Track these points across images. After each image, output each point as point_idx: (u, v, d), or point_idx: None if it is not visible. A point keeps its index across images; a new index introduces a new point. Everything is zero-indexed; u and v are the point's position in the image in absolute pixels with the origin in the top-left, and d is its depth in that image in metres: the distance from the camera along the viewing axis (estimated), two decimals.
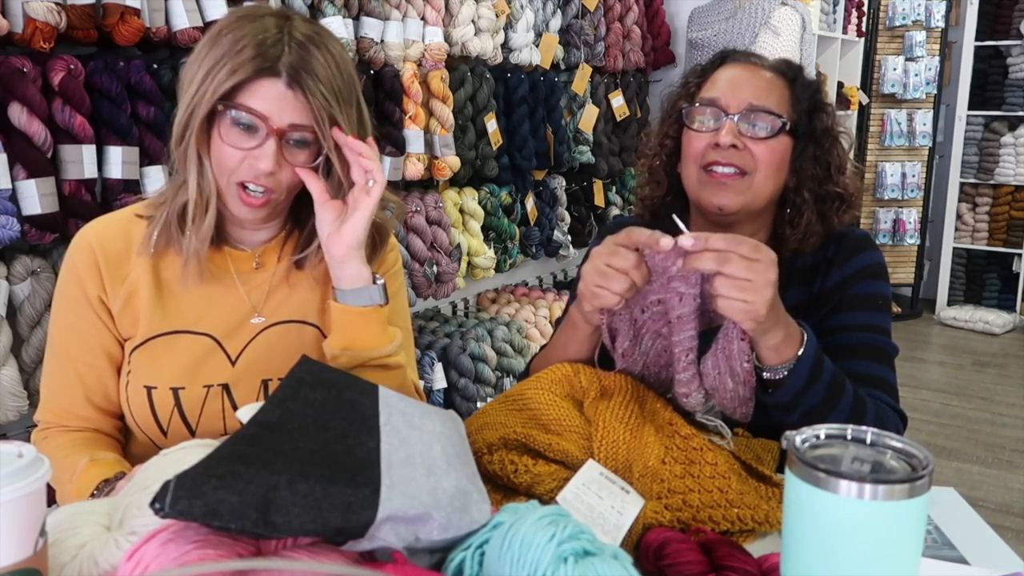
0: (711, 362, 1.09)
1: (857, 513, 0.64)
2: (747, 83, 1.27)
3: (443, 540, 0.73)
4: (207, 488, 0.64)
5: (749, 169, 1.25)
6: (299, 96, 1.08)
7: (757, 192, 1.26)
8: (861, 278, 1.28)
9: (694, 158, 1.28)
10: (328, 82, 1.10)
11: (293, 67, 1.08)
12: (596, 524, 0.90)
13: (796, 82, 1.30)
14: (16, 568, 0.62)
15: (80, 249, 1.19)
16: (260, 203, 1.13)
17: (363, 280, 1.15)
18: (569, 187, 3.48)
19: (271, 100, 1.08)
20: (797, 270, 1.32)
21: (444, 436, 0.85)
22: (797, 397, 1.08)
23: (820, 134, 1.29)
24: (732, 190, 1.25)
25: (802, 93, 1.29)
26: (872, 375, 1.20)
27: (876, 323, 1.25)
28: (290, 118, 1.09)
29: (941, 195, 5.75)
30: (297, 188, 1.17)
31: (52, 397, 1.21)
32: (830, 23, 4.77)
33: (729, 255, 0.99)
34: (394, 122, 2.57)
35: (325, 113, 1.09)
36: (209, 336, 1.19)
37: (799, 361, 1.07)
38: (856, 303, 1.26)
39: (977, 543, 1.00)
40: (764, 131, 1.24)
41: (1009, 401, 4.24)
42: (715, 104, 1.26)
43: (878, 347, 1.24)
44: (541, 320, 3.23)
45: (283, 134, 1.09)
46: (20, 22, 1.71)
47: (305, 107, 1.09)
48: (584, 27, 3.36)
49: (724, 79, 1.29)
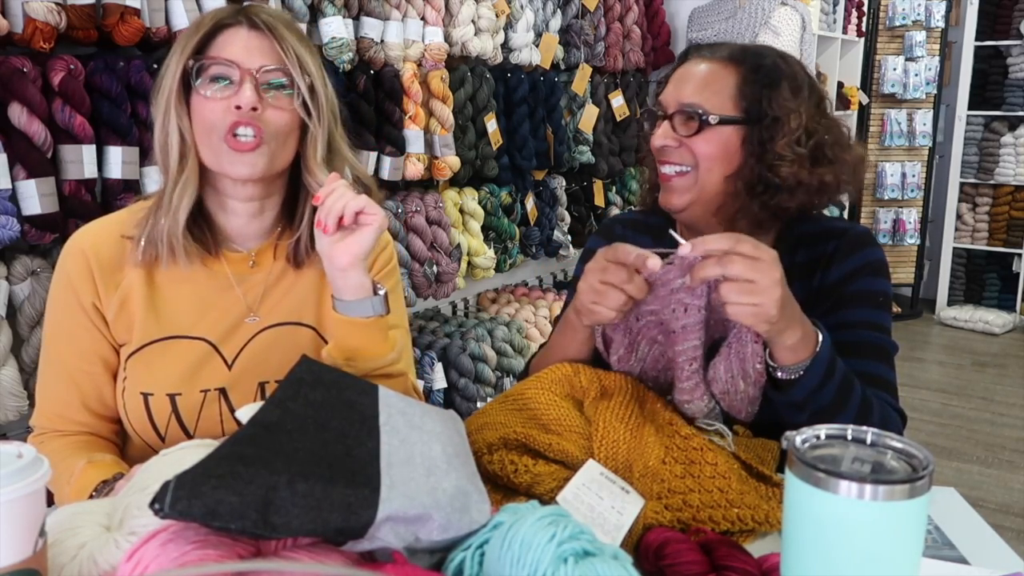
0: (723, 366, 1.07)
1: (857, 514, 0.64)
2: (683, 80, 1.28)
3: (443, 540, 0.72)
4: (206, 488, 0.64)
5: (691, 166, 1.25)
6: (264, 37, 1.12)
7: (703, 185, 1.25)
8: (862, 275, 1.26)
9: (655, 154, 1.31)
10: (292, 28, 1.15)
11: (253, 14, 1.13)
12: (596, 524, 0.90)
13: (748, 68, 1.26)
14: (16, 568, 0.62)
15: (73, 256, 1.18)
16: (251, 146, 1.12)
17: (365, 291, 1.12)
18: (569, 187, 3.48)
19: (238, 47, 1.12)
20: (797, 264, 1.31)
21: (444, 436, 0.85)
22: (810, 396, 1.07)
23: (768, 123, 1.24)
24: (677, 189, 1.27)
25: (756, 78, 1.25)
26: (872, 374, 1.19)
27: (876, 320, 1.24)
28: (260, 60, 1.12)
29: (941, 195, 5.75)
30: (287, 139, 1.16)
31: (48, 403, 1.21)
32: (830, 23, 4.77)
33: (731, 257, 0.97)
34: (394, 122, 2.57)
35: (293, 52, 1.12)
36: (205, 340, 1.19)
37: (814, 361, 1.05)
38: (856, 300, 1.25)
39: (977, 543, 1.00)
40: (690, 130, 1.24)
41: (1009, 401, 4.23)
42: (659, 105, 1.30)
43: (878, 345, 1.23)
44: (541, 320, 3.23)
45: (256, 75, 1.11)
46: (20, 22, 1.71)
47: (272, 48, 1.12)
48: (584, 27, 3.36)
49: (675, 77, 1.31)
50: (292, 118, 1.15)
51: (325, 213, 1.08)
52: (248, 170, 1.13)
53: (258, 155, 1.13)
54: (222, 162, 1.13)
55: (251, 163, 1.13)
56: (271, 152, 1.14)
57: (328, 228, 1.07)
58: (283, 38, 1.12)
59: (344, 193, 1.08)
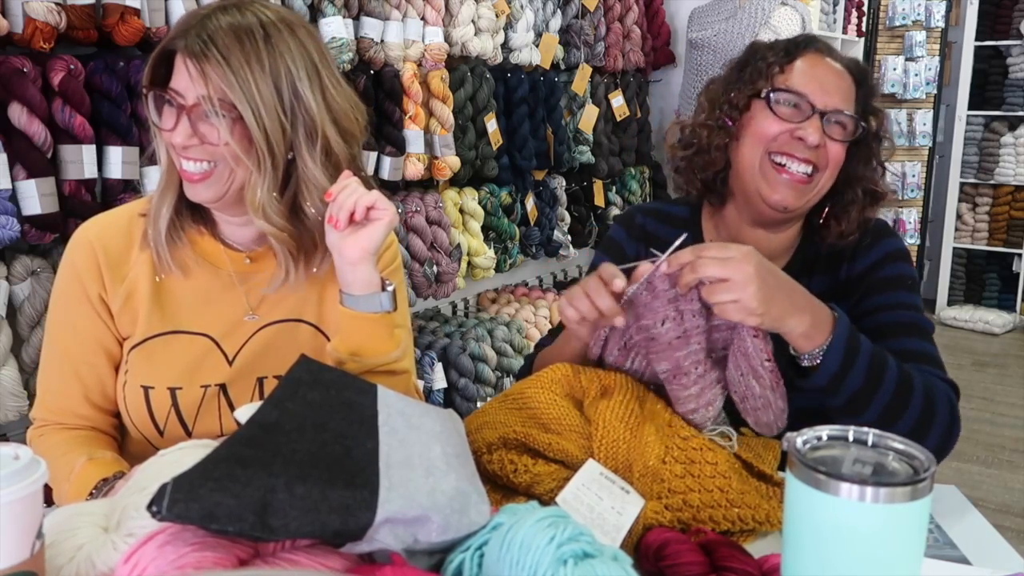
0: (732, 365, 1.08)
1: (858, 516, 0.63)
2: (834, 84, 1.26)
3: (442, 542, 0.72)
4: (204, 491, 0.64)
5: (821, 168, 1.25)
6: (195, 67, 1.05)
7: (820, 191, 1.27)
8: (888, 261, 1.29)
9: (763, 140, 1.26)
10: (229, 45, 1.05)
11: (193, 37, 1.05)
12: (596, 525, 0.90)
13: (862, 85, 1.30)
14: (13, 571, 0.61)
15: (80, 247, 1.18)
16: (199, 178, 1.10)
17: (373, 286, 1.12)
18: (569, 187, 3.47)
19: (182, 76, 1.07)
20: (822, 256, 1.34)
21: (443, 436, 0.85)
22: (835, 381, 1.08)
23: (872, 137, 1.30)
24: (800, 190, 1.26)
25: (864, 96, 1.30)
26: (913, 350, 1.20)
27: (909, 301, 1.26)
28: (195, 90, 1.06)
29: (941, 195, 5.74)
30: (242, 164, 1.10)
31: (49, 395, 1.21)
32: (830, 23, 4.77)
33: (700, 261, 1.01)
34: (394, 122, 2.57)
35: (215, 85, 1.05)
36: (206, 336, 1.19)
37: (832, 343, 1.06)
38: (887, 285, 1.28)
39: (979, 543, 1.00)
40: (843, 135, 1.25)
41: (1009, 401, 4.23)
42: (806, 98, 1.24)
43: (914, 324, 1.24)
44: (541, 320, 3.23)
45: (191, 110, 1.07)
46: (20, 22, 1.71)
47: (201, 78, 1.05)
48: (584, 27, 3.36)
49: (811, 74, 1.26)
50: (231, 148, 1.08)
51: (337, 208, 1.08)
52: (205, 195, 1.12)
53: (209, 183, 1.11)
54: (184, 184, 1.14)
55: (204, 189, 1.12)
56: (224, 178, 1.11)
57: (340, 223, 1.08)
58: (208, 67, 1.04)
59: (356, 189, 1.08)
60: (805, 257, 1.34)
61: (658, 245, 1.35)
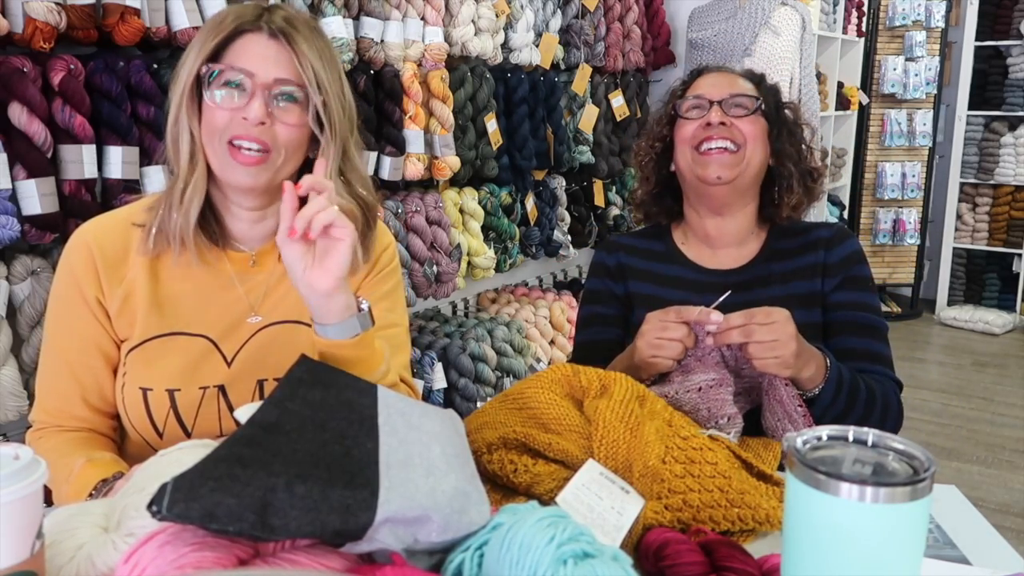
0: (768, 413, 1.25)
1: (858, 516, 0.63)
2: (727, 82, 1.51)
3: (442, 541, 0.72)
4: (204, 491, 0.64)
5: (739, 142, 1.44)
6: (283, 48, 1.10)
7: (749, 162, 1.45)
8: (856, 261, 1.49)
9: (688, 141, 1.47)
10: (311, 41, 1.11)
11: (276, 22, 1.10)
12: (596, 525, 0.90)
13: (761, 84, 1.53)
14: (13, 571, 0.61)
15: (77, 250, 1.18)
16: (255, 161, 1.11)
17: (350, 310, 1.03)
18: (569, 187, 3.48)
19: (255, 55, 1.10)
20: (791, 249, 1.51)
21: (443, 436, 0.85)
22: (826, 409, 1.28)
23: (789, 122, 1.52)
24: (727, 163, 1.43)
25: (767, 92, 1.51)
26: (869, 350, 1.42)
27: (872, 303, 1.47)
28: (276, 72, 1.10)
29: (941, 195, 5.74)
30: (296, 152, 1.14)
31: (47, 397, 1.21)
32: (830, 23, 4.77)
33: (751, 327, 1.19)
34: (394, 122, 2.57)
35: (311, 66, 1.10)
36: (205, 337, 1.19)
37: (827, 382, 1.27)
38: (857, 283, 1.47)
39: (979, 542, 1.00)
40: (744, 110, 1.46)
41: (1009, 401, 4.23)
42: (702, 96, 1.48)
43: (874, 325, 1.45)
44: (541, 320, 3.23)
45: (270, 88, 1.10)
46: (20, 22, 1.71)
47: (291, 60, 1.10)
48: (584, 27, 3.36)
49: (707, 81, 1.52)
50: (301, 132, 1.13)
51: (300, 218, 0.98)
52: (250, 181, 1.13)
53: (262, 168, 1.12)
54: (225, 169, 1.13)
55: (254, 175, 1.12)
56: (276, 165, 1.13)
57: (297, 232, 0.98)
58: (301, 51, 1.10)
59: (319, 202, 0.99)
60: (773, 249, 1.52)
61: (632, 251, 1.59)
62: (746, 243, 1.52)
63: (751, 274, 1.49)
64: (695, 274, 1.51)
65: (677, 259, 1.54)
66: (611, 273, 1.58)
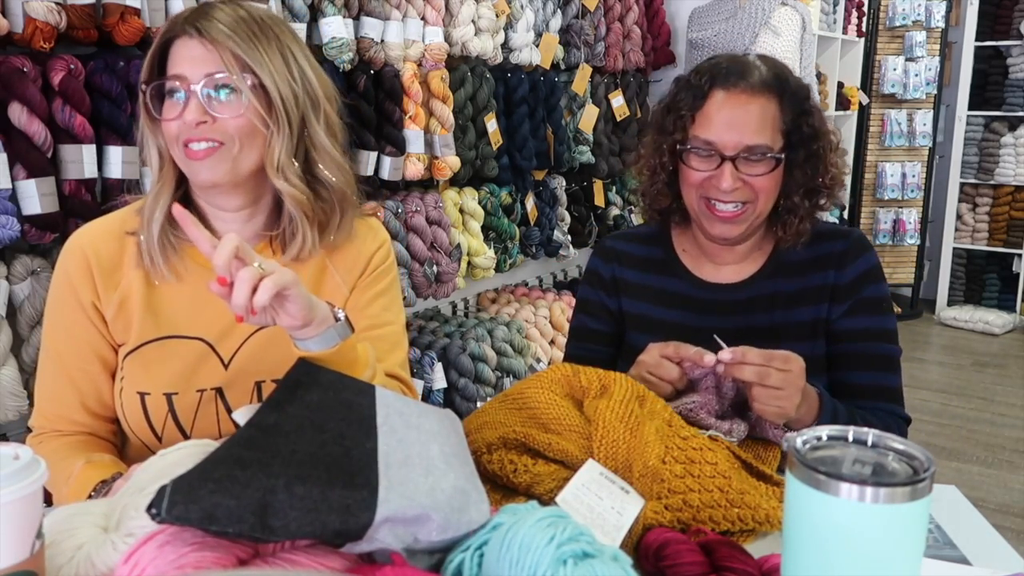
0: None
1: (858, 516, 0.63)
2: (741, 121, 1.29)
3: (442, 541, 0.72)
4: (204, 492, 0.64)
5: (751, 200, 1.31)
6: (206, 43, 1.10)
7: (760, 214, 1.34)
8: (871, 280, 1.37)
9: (694, 187, 1.34)
10: (236, 27, 1.11)
11: (197, 19, 1.11)
12: (596, 525, 0.90)
13: (784, 95, 1.31)
14: (13, 571, 0.61)
15: (73, 255, 1.18)
16: (205, 153, 1.11)
17: (327, 322, 1.02)
18: (569, 187, 3.47)
19: (185, 59, 1.11)
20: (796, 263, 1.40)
21: (442, 436, 0.85)
22: None
23: (808, 138, 1.33)
24: (736, 223, 1.33)
25: (790, 104, 1.31)
26: (876, 385, 1.33)
27: (884, 327, 1.36)
28: (204, 68, 1.10)
29: (941, 195, 5.74)
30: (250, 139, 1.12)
31: (46, 403, 1.21)
32: (830, 23, 4.77)
33: (767, 370, 1.13)
34: (394, 122, 2.56)
35: (228, 52, 1.10)
36: (201, 340, 1.18)
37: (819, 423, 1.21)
38: (871, 307, 1.36)
39: (979, 543, 1.00)
40: (761, 169, 1.30)
41: (1009, 401, 4.23)
42: (711, 146, 1.30)
43: (883, 355, 1.35)
44: (541, 320, 3.22)
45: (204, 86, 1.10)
46: (20, 22, 1.71)
47: (215, 53, 1.10)
48: (584, 27, 3.36)
49: (718, 118, 1.30)
50: (246, 120, 1.11)
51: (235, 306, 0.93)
52: (209, 175, 1.12)
53: (216, 160, 1.11)
54: (188, 172, 1.14)
55: (210, 167, 1.12)
56: (232, 154, 1.12)
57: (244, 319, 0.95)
58: (217, 40, 1.09)
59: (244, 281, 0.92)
60: (778, 263, 1.41)
61: (628, 262, 1.48)
62: (750, 255, 1.42)
63: (754, 291, 1.40)
64: (694, 289, 1.43)
65: (676, 271, 1.45)
66: (605, 286, 1.50)
